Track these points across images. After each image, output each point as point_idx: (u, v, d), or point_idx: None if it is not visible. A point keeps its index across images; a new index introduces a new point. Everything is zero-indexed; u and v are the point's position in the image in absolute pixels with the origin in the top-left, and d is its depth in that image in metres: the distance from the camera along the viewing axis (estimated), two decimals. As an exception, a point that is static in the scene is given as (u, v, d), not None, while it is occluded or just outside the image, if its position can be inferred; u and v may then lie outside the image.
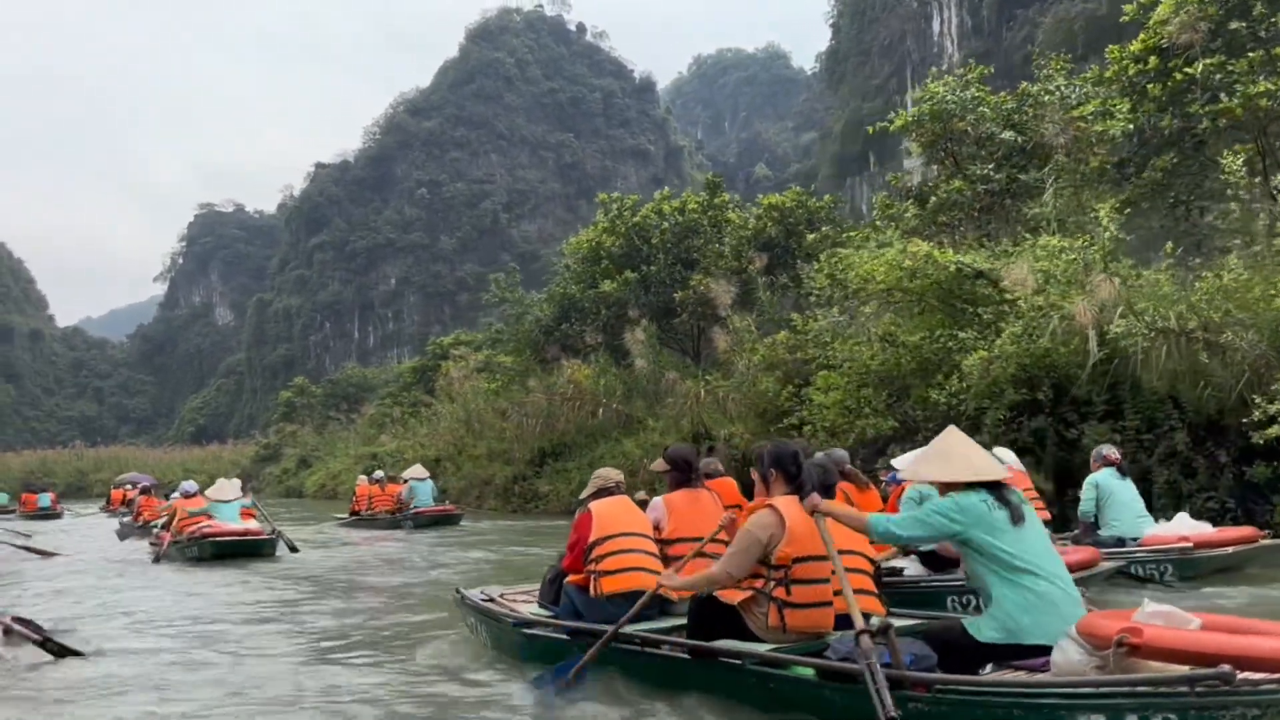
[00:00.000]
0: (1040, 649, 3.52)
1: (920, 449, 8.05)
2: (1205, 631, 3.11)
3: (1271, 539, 7.99)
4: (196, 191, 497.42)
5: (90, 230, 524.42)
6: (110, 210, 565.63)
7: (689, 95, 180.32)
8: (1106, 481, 8.04)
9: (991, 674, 3.55)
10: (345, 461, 38.54)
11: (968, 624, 3.75)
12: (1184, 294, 10.09)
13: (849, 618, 4.17)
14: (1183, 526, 7.73)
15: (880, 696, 3.19)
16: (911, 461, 4.63)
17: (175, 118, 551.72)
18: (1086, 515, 8.14)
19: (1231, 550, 7.47)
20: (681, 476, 5.67)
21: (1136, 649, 3.05)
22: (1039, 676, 3.41)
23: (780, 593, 4.11)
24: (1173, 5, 12.82)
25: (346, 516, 20.96)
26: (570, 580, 5.36)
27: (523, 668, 5.16)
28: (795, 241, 19.12)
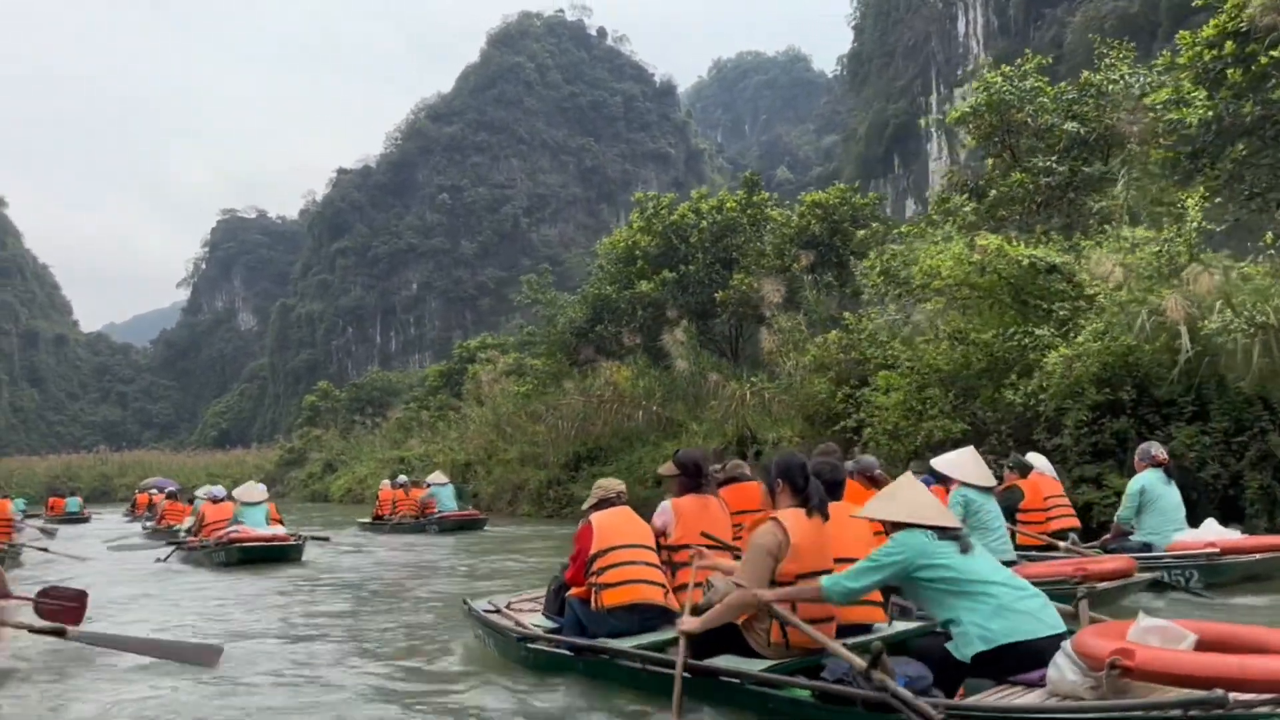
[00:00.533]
0: (1030, 656, 3.51)
1: (960, 450, 7.76)
2: (1199, 652, 3.10)
3: None
4: (219, 198, 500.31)
5: (114, 236, 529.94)
6: (134, 217, 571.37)
7: (709, 99, 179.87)
8: (1152, 485, 7.65)
9: (986, 696, 3.52)
10: (371, 466, 38.26)
11: (951, 649, 3.75)
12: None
13: (850, 627, 4.36)
14: (1210, 533, 7.45)
15: (919, 711, 3.21)
16: (867, 506, 4.44)
17: (198, 125, 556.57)
18: (1125, 520, 7.78)
19: (1260, 557, 7.17)
20: (690, 481, 5.58)
21: (1130, 671, 3.04)
22: (1032, 699, 3.38)
23: (784, 608, 4.10)
24: (1252, -13, 12.20)
25: (370, 521, 20.94)
26: (572, 593, 5.34)
27: (527, 677, 5.18)
28: (840, 239, 18.56)
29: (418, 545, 15.90)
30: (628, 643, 4.80)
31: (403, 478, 22.57)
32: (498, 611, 5.96)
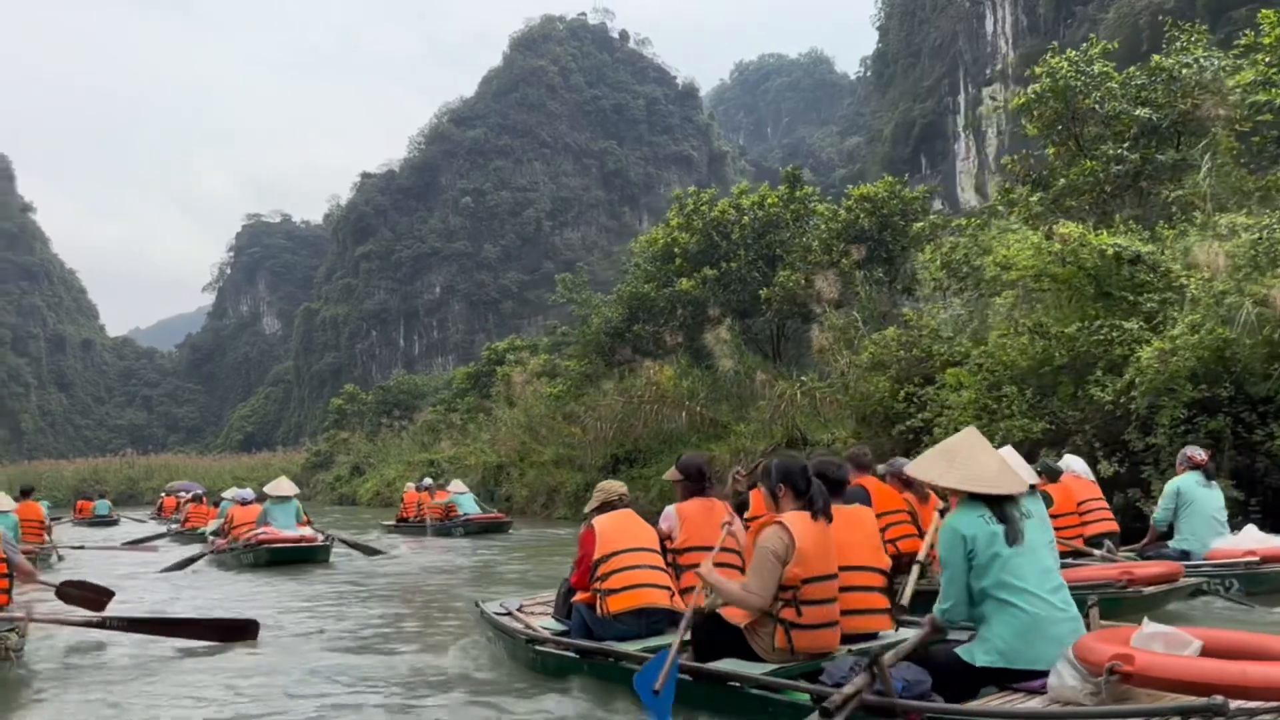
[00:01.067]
0: (1038, 672, 3.43)
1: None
2: (1200, 658, 3.03)
3: None
4: (244, 203, 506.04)
5: (139, 241, 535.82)
6: (159, 222, 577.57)
7: (730, 101, 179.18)
8: (1189, 488, 7.42)
9: (983, 701, 3.49)
10: (399, 468, 37.89)
11: (961, 651, 3.68)
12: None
13: (854, 636, 4.32)
14: (1250, 539, 7.23)
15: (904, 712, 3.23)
16: (920, 459, 4.25)
17: (223, 131, 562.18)
18: (1161, 523, 7.64)
19: None
20: (694, 486, 5.54)
21: (1129, 676, 2.99)
22: (1030, 704, 3.34)
23: (789, 614, 4.08)
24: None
25: (394, 523, 21.10)
26: (578, 598, 5.34)
27: (534, 680, 5.25)
28: (891, 233, 17.92)
29: (443, 548, 16.01)
30: (634, 646, 4.76)
31: (427, 480, 22.74)
32: (509, 614, 6.02)
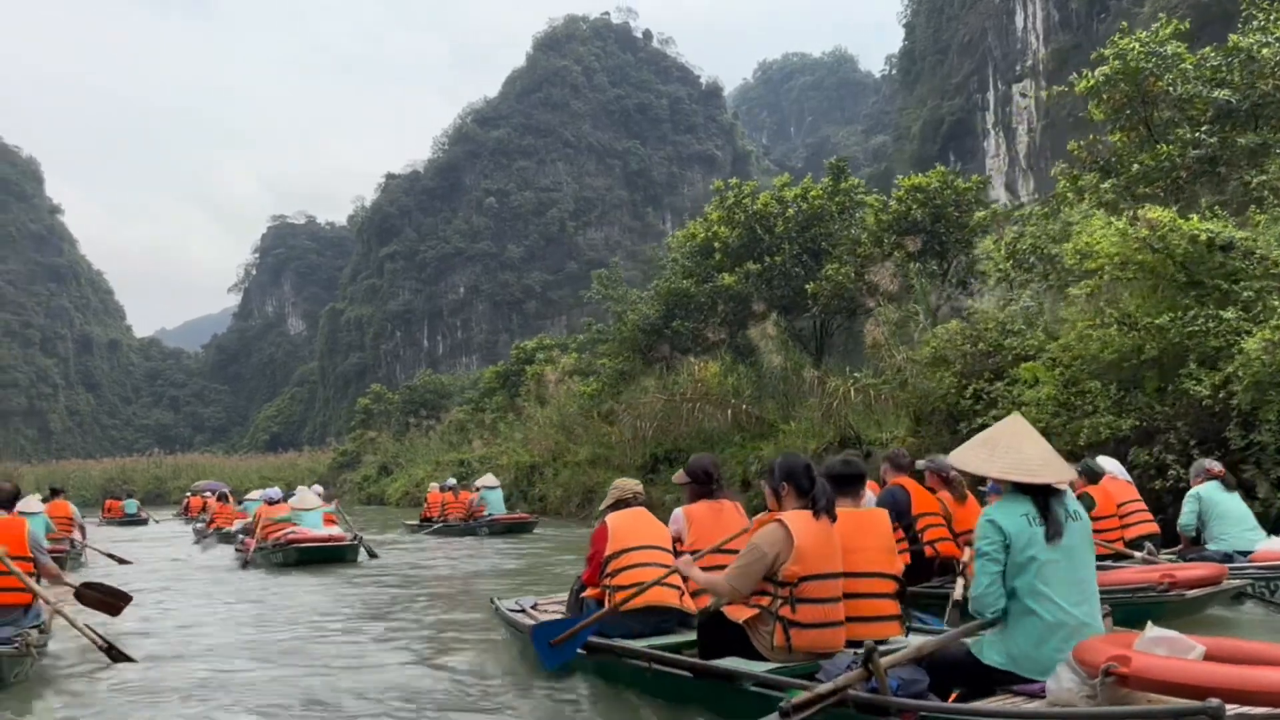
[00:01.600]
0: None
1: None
2: (1197, 662, 3.00)
3: None
4: (268, 205, 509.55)
5: (166, 243, 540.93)
6: (185, 224, 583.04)
7: (753, 101, 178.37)
8: (1210, 494, 7.55)
9: (979, 703, 3.44)
10: (427, 469, 37.58)
11: (972, 645, 3.63)
12: None
13: (858, 640, 4.12)
14: None
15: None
16: (961, 449, 4.06)
17: (248, 134, 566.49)
18: (1186, 529, 7.68)
19: None
20: (702, 488, 5.55)
21: (1125, 679, 2.97)
22: (1026, 706, 3.32)
23: (786, 611, 4.05)
24: None
25: (417, 523, 21.36)
26: (587, 594, 5.41)
27: (542, 675, 5.26)
28: (944, 225, 17.26)
29: (468, 547, 16.15)
30: (641, 644, 4.77)
31: (451, 480, 22.96)
32: (523, 611, 6.13)
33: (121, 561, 13.61)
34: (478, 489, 19.96)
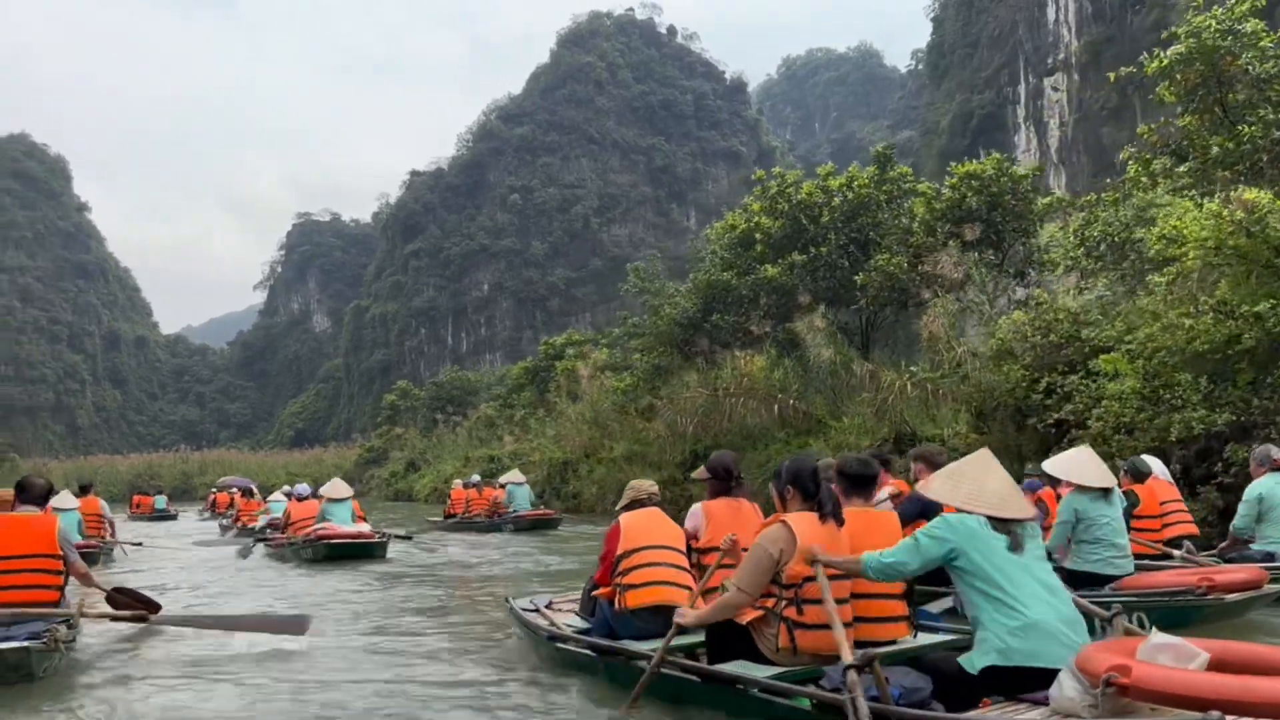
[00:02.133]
0: (1041, 678, 3.34)
1: (1075, 449, 6.98)
2: (1203, 672, 2.91)
3: None
4: (293, 203, 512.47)
5: (191, 241, 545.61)
6: (210, 222, 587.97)
7: (777, 96, 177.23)
8: (1271, 491, 7.01)
9: (980, 710, 3.41)
10: (456, 464, 37.28)
11: (962, 661, 3.61)
12: None
13: (869, 644, 4.15)
14: None
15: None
16: (931, 479, 4.19)
17: (270, 133, 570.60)
18: (1241, 530, 7.16)
19: None
20: (722, 485, 5.53)
21: (1126, 689, 2.91)
22: (1028, 715, 3.29)
23: (791, 612, 4.03)
24: None
25: (441, 519, 21.29)
26: (599, 593, 5.42)
27: (552, 675, 5.35)
28: (1001, 214, 16.62)
29: (493, 544, 16.16)
30: (650, 645, 4.75)
31: (475, 477, 22.88)
32: (536, 610, 6.17)
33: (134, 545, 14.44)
34: (504, 485, 19.89)
